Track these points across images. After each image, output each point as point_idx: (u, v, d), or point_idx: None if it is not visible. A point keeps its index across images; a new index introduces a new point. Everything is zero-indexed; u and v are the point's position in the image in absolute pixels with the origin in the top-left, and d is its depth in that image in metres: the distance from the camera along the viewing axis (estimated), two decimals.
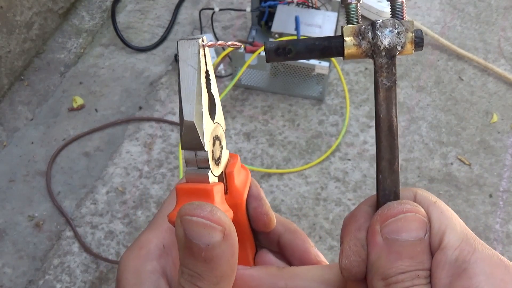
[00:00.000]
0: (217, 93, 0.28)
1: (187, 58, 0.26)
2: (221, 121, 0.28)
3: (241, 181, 0.29)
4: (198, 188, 0.26)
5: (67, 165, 0.91)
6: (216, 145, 0.28)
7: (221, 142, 0.28)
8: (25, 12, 0.99)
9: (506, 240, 0.83)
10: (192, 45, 0.26)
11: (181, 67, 0.26)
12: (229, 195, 0.29)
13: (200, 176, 0.26)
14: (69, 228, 0.84)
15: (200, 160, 0.26)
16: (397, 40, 0.25)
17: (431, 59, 1.07)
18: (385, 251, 0.25)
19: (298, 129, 0.96)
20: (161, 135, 0.95)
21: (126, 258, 0.28)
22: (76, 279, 0.79)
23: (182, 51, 0.26)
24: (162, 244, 0.29)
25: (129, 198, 0.87)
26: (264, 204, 0.30)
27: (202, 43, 0.26)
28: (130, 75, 1.04)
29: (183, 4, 1.17)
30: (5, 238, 0.83)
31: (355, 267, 0.26)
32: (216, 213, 0.24)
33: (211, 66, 0.27)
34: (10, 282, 0.79)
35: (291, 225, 0.33)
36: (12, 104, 0.99)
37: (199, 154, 0.26)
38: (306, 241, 0.32)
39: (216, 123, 0.28)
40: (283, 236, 0.32)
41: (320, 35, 0.97)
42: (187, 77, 0.26)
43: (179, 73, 0.26)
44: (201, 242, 0.24)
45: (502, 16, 1.16)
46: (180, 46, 0.26)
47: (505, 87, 1.03)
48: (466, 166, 0.92)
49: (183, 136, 0.25)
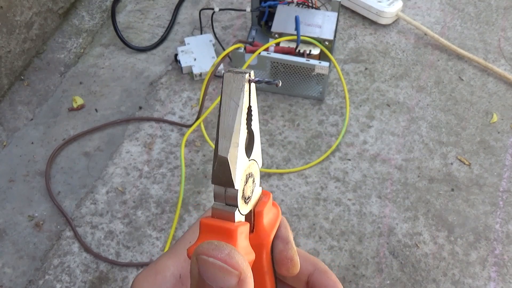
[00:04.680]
0: (258, 129, 0.28)
1: (230, 93, 0.25)
2: (258, 158, 0.28)
3: (269, 221, 0.28)
4: (221, 226, 0.25)
5: (67, 165, 0.91)
6: (249, 182, 0.27)
7: (254, 179, 0.28)
8: (25, 12, 0.99)
9: (506, 240, 0.83)
10: (238, 79, 0.25)
11: (223, 100, 0.25)
12: (255, 234, 0.28)
13: (226, 213, 0.26)
14: (69, 228, 0.84)
15: (229, 196, 0.26)
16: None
17: (431, 59, 1.08)
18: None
19: (298, 129, 0.96)
20: (161, 135, 0.95)
21: (141, 281, 0.28)
22: (76, 279, 0.79)
23: (226, 85, 0.25)
24: (179, 274, 0.28)
25: (129, 198, 0.87)
26: (290, 248, 0.29)
27: (249, 78, 0.26)
28: (130, 75, 1.04)
29: (183, 4, 1.17)
30: (5, 238, 0.83)
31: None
32: (234, 256, 0.23)
33: (255, 101, 0.27)
34: (10, 282, 0.79)
35: (321, 264, 0.31)
36: (12, 104, 0.99)
37: (229, 191, 0.26)
38: (337, 283, 0.31)
39: (252, 160, 0.27)
40: (312, 276, 0.31)
41: (320, 35, 0.97)
42: (228, 112, 0.25)
43: (221, 106, 0.25)
44: (214, 284, 0.23)
45: (502, 16, 1.16)
46: (226, 79, 0.25)
47: (505, 87, 1.03)
48: (466, 166, 0.92)
49: (215, 170, 0.25)
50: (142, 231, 0.83)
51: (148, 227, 0.84)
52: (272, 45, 0.96)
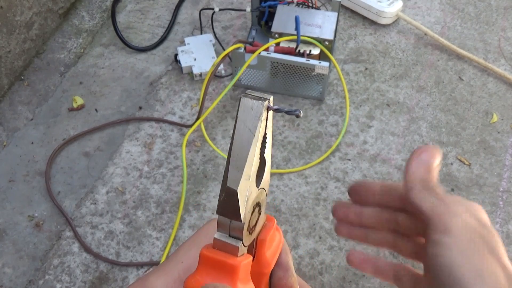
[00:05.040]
0: (270, 157, 0.26)
1: (246, 120, 0.23)
2: (267, 185, 0.26)
3: (272, 249, 0.27)
4: (223, 262, 0.24)
5: (67, 165, 0.91)
6: (255, 212, 0.25)
7: (261, 208, 0.26)
8: (25, 12, 0.99)
9: (506, 240, 0.83)
10: (256, 107, 0.23)
11: (238, 127, 0.23)
12: (256, 263, 0.27)
13: (229, 246, 0.24)
14: (69, 228, 0.84)
15: (234, 228, 0.24)
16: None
17: (431, 59, 1.07)
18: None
19: (298, 129, 0.96)
20: (161, 135, 0.95)
21: None
22: (76, 279, 0.79)
23: (242, 111, 0.23)
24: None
25: (129, 198, 0.87)
26: (290, 276, 0.28)
27: (268, 105, 0.24)
28: (130, 75, 1.04)
29: (183, 4, 1.17)
30: (5, 238, 0.83)
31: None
32: None
33: (270, 129, 0.25)
34: (10, 282, 0.79)
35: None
36: (12, 104, 0.99)
37: (234, 223, 0.24)
38: None
39: (261, 189, 0.26)
40: None
41: (320, 35, 0.97)
42: (241, 140, 0.23)
43: (235, 132, 0.23)
44: None
45: (502, 16, 1.16)
46: (243, 105, 0.23)
47: (505, 87, 1.03)
48: (466, 166, 0.92)
49: (222, 201, 0.23)
50: (142, 231, 0.83)
51: (148, 227, 0.84)
52: (272, 45, 0.96)
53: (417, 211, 0.30)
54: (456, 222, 0.28)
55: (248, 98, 0.24)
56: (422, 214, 0.29)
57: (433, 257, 0.28)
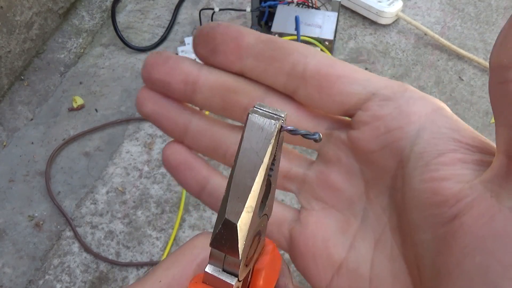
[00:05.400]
0: (276, 179, 0.23)
1: (254, 141, 0.20)
2: (270, 211, 0.23)
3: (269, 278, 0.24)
4: None
5: (67, 165, 0.91)
6: (254, 242, 0.22)
7: (261, 235, 0.23)
8: (25, 12, 0.99)
9: None
10: (267, 126, 0.20)
11: (243, 148, 0.20)
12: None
13: (223, 283, 0.21)
14: (69, 228, 0.84)
15: (229, 263, 0.21)
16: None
17: (431, 59, 1.08)
18: None
19: None
20: (161, 135, 0.95)
21: None
22: (76, 279, 0.79)
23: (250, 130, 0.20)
24: None
25: (129, 198, 0.87)
26: None
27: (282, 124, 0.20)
28: (130, 75, 1.04)
29: (183, 4, 1.17)
30: (5, 238, 0.83)
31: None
32: None
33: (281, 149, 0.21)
34: (10, 282, 0.79)
35: None
36: (12, 104, 0.99)
37: (231, 258, 0.21)
38: None
39: (264, 215, 0.22)
40: None
41: (320, 35, 0.97)
42: (246, 166, 0.20)
43: (238, 153, 0.20)
44: None
45: (502, 16, 1.16)
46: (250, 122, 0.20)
47: None
48: None
49: (219, 234, 0.20)
50: (142, 231, 0.83)
51: (148, 227, 0.84)
52: None
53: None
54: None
55: (258, 114, 0.20)
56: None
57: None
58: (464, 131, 0.23)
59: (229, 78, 0.27)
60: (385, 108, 0.24)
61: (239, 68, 0.27)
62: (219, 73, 0.27)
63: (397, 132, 0.24)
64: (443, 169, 0.22)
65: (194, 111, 0.29)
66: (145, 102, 0.28)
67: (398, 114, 0.24)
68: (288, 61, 0.26)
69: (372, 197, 0.26)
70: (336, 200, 0.28)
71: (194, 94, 0.28)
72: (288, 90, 0.27)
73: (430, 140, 0.23)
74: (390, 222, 0.26)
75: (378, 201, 0.26)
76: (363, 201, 0.27)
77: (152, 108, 0.28)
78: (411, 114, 0.24)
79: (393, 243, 0.25)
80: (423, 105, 0.24)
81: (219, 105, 0.28)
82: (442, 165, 0.22)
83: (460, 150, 0.22)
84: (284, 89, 0.27)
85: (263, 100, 0.27)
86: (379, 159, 0.25)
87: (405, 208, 0.24)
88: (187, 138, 0.29)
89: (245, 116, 0.25)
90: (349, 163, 0.27)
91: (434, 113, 0.24)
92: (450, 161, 0.22)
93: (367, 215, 0.27)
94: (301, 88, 0.26)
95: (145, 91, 0.28)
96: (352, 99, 0.25)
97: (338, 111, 0.26)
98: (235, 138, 0.29)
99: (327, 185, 0.28)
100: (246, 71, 0.27)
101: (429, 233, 0.22)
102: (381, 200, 0.26)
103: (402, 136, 0.24)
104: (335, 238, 0.27)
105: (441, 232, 0.21)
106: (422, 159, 0.23)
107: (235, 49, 0.26)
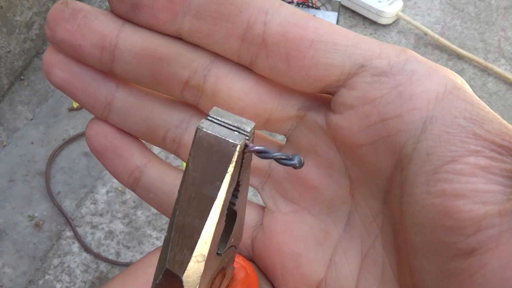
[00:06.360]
0: (245, 206, 0.18)
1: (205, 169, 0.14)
2: (238, 242, 0.19)
3: None
4: None
5: (67, 165, 0.91)
6: (217, 280, 0.18)
7: (227, 269, 0.19)
8: (25, 12, 0.99)
9: None
10: (225, 147, 0.14)
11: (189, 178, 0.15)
12: None
13: None
14: (69, 228, 0.84)
15: None
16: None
17: (431, 59, 1.07)
18: None
19: None
20: None
21: None
22: (76, 279, 0.79)
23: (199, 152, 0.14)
24: None
25: (129, 198, 0.87)
26: None
27: (247, 143, 0.14)
28: None
29: None
30: (5, 238, 0.83)
31: None
32: None
33: (249, 170, 0.16)
34: (10, 282, 0.79)
35: None
36: (12, 104, 0.99)
37: None
38: None
39: (231, 248, 0.18)
40: None
41: None
42: (194, 202, 0.15)
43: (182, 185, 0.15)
44: None
45: (502, 16, 1.16)
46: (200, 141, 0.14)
47: (505, 87, 1.03)
48: None
49: (159, 285, 0.16)
50: (142, 231, 0.83)
51: (148, 227, 0.84)
52: None
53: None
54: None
55: (210, 130, 0.14)
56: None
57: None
58: (490, 124, 0.16)
59: (160, 42, 0.20)
60: (378, 87, 0.17)
61: (174, 29, 0.20)
62: (147, 35, 0.20)
63: (394, 122, 0.17)
64: (459, 181, 0.15)
65: (119, 82, 0.22)
66: (53, 68, 0.22)
67: (397, 96, 0.17)
68: (242, 19, 0.18)
69: (360, 200, 0.20)
70: (310, 202, 0.21)
71: (114, 63, 0.21)
72: (244, 59, 0.19)
73: (442, 136, 0.16)
74: (383, 234, 0.19)
75: (367, 206, 0.20)
76: (348, 204, 0.20)
77: (61, 76, 0.22)
78: (414, 97, 0.17)
79: (386, 261, 0.19)
80: (432, 83, 0.17)
81: (148, 79, 0.21)
82: (458, 175, 0.16)
83: (484, 153, 0.16)
84: (237, 58, 0.20)
85: (209, 72, 0.20)
86: (369, 156, 0.18)
87: (404, 224, 0.17)
88: (112, 116, 0.22)
89: (186, 94, 0.20)
90: (328, 156, 0.20)
91: (448, 95, 0.17)
92: (469, 169, 0.16)
93: (352, 222, 0.20)
94: (261, 58, 0.19)
95: (52, 54, 0.21)
96: (332, 73, 0.18)
97: (314, 88, 0.19)
98: (177, 117, 0.22)
99: (299, 181, 0.21)
100: (184, 33, 0.20)
101: (435, 264, 0.16)
102: (371, 205, 0.19)
103: (401, 127, 0.17)
104: (309, 252, 0.20)
105: (451, 267, 0.15)
106: (430, 163, 0.16)
107: (168, 3, 0.19)
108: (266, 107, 0.20)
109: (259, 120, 0.20)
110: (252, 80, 0.20)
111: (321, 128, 0.20)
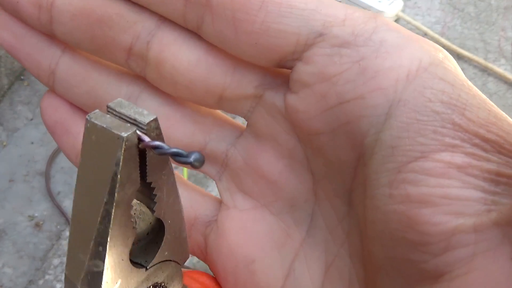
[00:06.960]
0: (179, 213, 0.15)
1: (95, 161, 0.12)
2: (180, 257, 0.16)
3: None
4: None
5: (67, 165, 0.91)
6: None
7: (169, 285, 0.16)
8: None
9: None
10: (110, 140, 0.12)
11: (81, 171, 0.13)
12: None
13: None
14: (69, 228, 0.84)
15: None
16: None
17: None
18: None
19: None
20: None
21: None
22: None
23: (88, 144, 0.13)
24: None
25: None
26: None
27: (142, 136, 0.13)
28: None
29: None
30: (5, 238, 0.83)
31: None
32: None
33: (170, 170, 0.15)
34: (10, 282, 0.79)
35: None
36: (12, 104, 0.99)
37: None
38: None
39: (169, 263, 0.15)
40: None
41: None
42: (86, 203, 0.13)
43: (77, 176, 0.13)
44: None
45: (502, 16, 1.16)
46: (88, 132, 0.12)
47: (505, 87, 1.03)
48: None
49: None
50: None
51: None
52: None
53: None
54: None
55: (99, 122, 0.12)
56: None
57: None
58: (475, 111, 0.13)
59: (100, 1, 0.18)
60: (337, 60, 0.14)
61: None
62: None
63: (355, 105, 0.14)
64: (427, 184, 0.12)
65: (65, 48, 0.20)
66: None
67: (359, 73, 0.14)
68: None
69: (324, 199, 0.17)
70: (271, 197, 0.18)
71: (53, 25, 0.18)
72: (190, 23, 0.17)
73: (410, 125, 0.13)
74: (350, 241, 0.16)
75: (332, 207, 0.16)
76: (311, 202, 0.17)
77: (4, 37, 0.19)
78: (380, 74, 0.14)
79: (353, 274, 0.16)
80: (404, 57, 0.14)
81: (87, 44, 0.18)
82: (427, 175, 0.12)
83: (463, 148, 0.12)
84: (183, 21, 0.17)
85: (152, 38, 0.17)
86: (328, 146, 0.15)
87: (367, 233, 0.14)
88: (56, 86, 0.20)
89: (131, 64, 0.18)
90: (289, 145, 0.17)
91: (423, 73, 0.14)
92: (441, 169, 0.12)
93: (316, 224, 0.17)
94: (207, 22, 0.16)
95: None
96: (286, 43, 0.15)
97: (268, 61, 0.16)
98: (125, 91, 0.19)
99: (257, 173, 0.18)
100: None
101: (399, 286, 0.13)
102: (336, 206, 0.16)
103: (363, 113, 0.14)
104: (266, 257, 0.17)
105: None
106: (393, 159, 0.13)
107: None
108: (218, 81, 0.17)
109: (211, 97, 0.18)
110: (202, 49, 0.17)
111: (279, 111, 0.17)
